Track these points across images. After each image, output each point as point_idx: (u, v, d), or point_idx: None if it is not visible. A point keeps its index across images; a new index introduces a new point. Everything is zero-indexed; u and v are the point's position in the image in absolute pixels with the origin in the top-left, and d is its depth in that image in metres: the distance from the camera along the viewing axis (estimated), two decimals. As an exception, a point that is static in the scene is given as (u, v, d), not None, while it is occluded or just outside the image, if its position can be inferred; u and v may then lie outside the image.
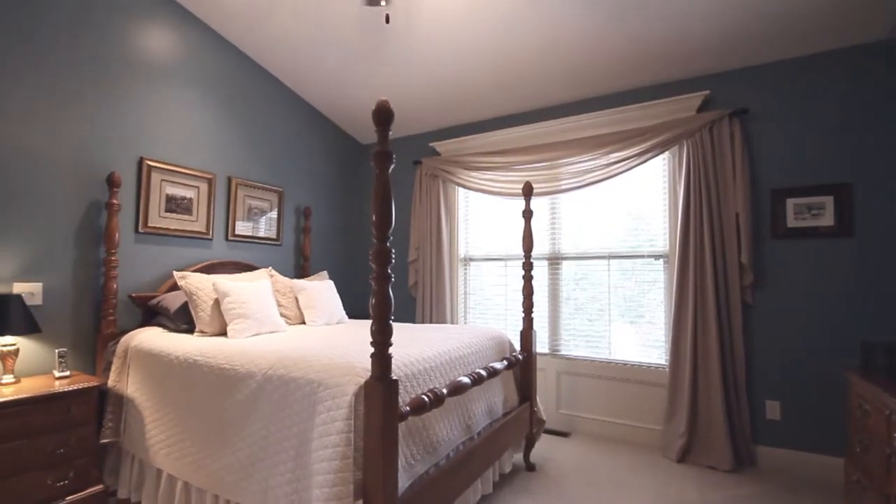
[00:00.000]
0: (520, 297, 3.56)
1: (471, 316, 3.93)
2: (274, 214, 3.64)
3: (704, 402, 2.77)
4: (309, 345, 2.05)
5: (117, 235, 2.50)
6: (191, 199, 3.00)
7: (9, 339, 2.07)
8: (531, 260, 2.77)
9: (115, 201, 2.49)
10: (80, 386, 2.07)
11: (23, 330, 2.06)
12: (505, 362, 2.35)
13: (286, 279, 3.21)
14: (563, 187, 3.34)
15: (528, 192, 2.78)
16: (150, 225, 2.76)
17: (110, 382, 2.34)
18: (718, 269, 2.80)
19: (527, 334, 2.74)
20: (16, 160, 2.22)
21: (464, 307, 3.96)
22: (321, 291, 3.20)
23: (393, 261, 1.46)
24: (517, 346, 2.81)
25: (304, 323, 3.07)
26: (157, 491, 2.08)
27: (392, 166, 1.47)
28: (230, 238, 3.28)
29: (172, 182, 2.89)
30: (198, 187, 3.04)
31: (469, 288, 3.96)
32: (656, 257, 3.16)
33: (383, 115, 1.44)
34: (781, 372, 2.73)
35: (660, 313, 3.14)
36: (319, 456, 1.48)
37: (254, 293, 2.62)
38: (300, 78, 3.61)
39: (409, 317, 4.12)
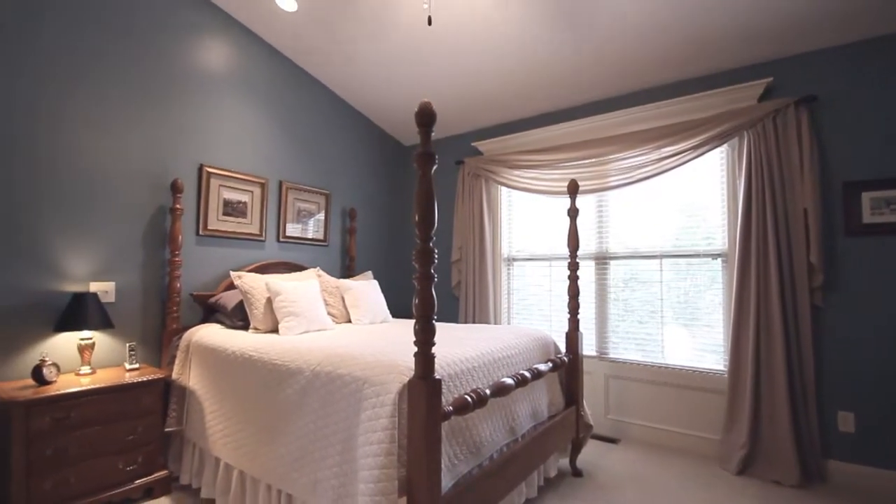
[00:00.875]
0: (565, 298, 3.48)
1: (514, 316, 3.89)
2: (321, 216, 3.76)
3: (768, 412, 2.59)
4: (354, 343, 2.10)
5: (180, 238, 2.67)
6: (245, 203, 3.16)
7: (86, 333, 2.27)
8: (577, 260, 2.69)
9: (178, 206, 2.67)
10: (148, 378, 2.23)
11: (98, 325, 2.25)
12: (549, 364, 2.30)
13: (333, 279, 3.31)
14: (612, 184, 3.23)
15: (573, 189, 2.71)
16: (209, 228, 2.93)
17: (174, 375, 2.50)
18: (784, 268, 2.60)
19: (572, 336, 2.67)
20: (93, 170, 2.43)
21: (507, 307, 3.92)
22: (366, 291, 3.26)
23: (436, 261, 1.47)
24: (562, 348, 2.74)
25: (349, 321, 3.15)
26: (216, 478, 2.20)
27: (434, 167, 1.47)
28: (281, 239, 3.42)
29: (229, 187, 3.05)
30: (251, 192, 3.19)
31: (512, 288, 3.91)
32: (714, 256, 2.98)
33: (426, 117, 1.45)
34: (855, 380, 2.50)
35: (718, 315, 2.96)
36: (365, 451, 1.51)
37: (303, 292, 2.72)
38: (345, 83, 3.70)
39: (452, 317, 4.12)
